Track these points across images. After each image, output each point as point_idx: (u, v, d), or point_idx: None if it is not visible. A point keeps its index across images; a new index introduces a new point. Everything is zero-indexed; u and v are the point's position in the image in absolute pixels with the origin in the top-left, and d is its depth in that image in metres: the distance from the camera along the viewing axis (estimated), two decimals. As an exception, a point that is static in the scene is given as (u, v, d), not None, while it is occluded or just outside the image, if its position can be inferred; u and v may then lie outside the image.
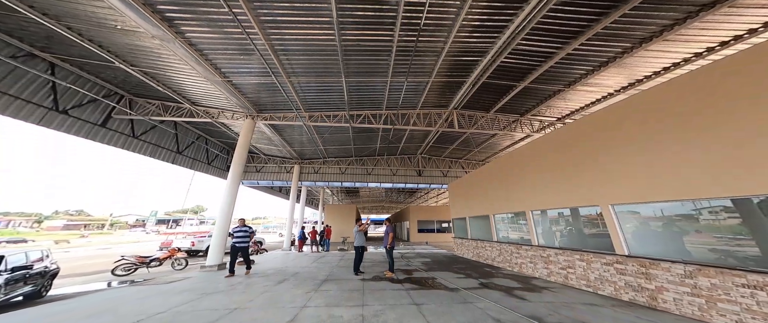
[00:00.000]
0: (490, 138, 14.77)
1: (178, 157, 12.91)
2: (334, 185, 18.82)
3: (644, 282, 4.32)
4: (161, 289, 5.56)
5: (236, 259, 7.02)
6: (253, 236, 8.11)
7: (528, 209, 7.24)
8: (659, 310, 4.11)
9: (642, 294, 4.37)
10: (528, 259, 7.15)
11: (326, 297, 4.85)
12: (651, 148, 4.43)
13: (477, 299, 4.76)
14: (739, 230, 3.51)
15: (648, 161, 4.44)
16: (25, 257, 5.88)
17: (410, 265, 9.17)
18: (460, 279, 6.60)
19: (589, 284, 5.27)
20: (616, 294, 4.80)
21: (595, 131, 5.61)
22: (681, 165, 3.99)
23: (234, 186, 9.00)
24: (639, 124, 4.70)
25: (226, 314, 3.90)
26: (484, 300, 4.66)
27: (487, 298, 4.80)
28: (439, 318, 3.74)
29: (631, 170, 4.68)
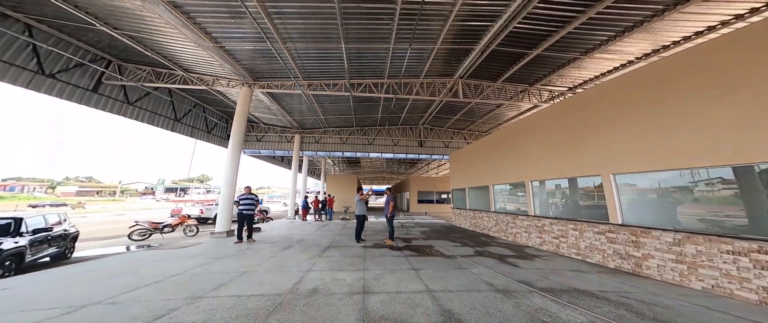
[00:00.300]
0: (495, 108, 14.47)
1: (177, 125, 12.84)
2: (335, 155, 18.93)
3: (632, 249, 4.53)
4: (176, 254, 5.90)
5: (243, 226, 7.33)
6: (258, 204, 8.35)
7: (528, 179, 7.34)
8: (642, 276, 4.37)
9: (628, 262, 4.61)
10: (523, 229, 7.43)
11: (330, 263, 5.15)
12: (654, 119, 4.39)
13: (472, 265, 5.05)
14: (731, 201, 3.63)
15: (651, 132, 4.42)
16: (43, 220, 6.15)
17: (409, 234, 9.57)
18: (456, 248, 6.93)
19: (579, 252, 5.54)
20: (603, 262, 5.07)
21: (599, 102, 5.50)
22: (683, 135, 3.99)
23: (235, 155, 9.08)
24: (644, 95, 4.58)
25: (236, 276, 4.19)
26: (478, 267, 4.95)
27: (481, 265, 5.09)
28: (435, 282, 4.00)
29: (634, 140, 4.67)
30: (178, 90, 12.26)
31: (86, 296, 3.34)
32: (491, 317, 2.79)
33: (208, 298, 3.24)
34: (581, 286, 3.83)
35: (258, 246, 6.81)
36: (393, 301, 3.21)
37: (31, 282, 3.99)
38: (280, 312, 2.88)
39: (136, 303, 3.11)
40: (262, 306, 3.03)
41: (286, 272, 4.47)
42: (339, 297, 3.31)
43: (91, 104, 9.29)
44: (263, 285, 3.76)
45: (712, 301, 3.32)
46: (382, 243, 7.45)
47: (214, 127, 15.69)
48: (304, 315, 2.80)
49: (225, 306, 3.00)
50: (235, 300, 3.20)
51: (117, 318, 2.71)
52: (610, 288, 3.79)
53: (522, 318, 2.76)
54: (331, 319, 2.72)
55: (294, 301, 3.18)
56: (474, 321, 2.70)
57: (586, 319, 2.73)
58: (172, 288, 3.61)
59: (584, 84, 10.97)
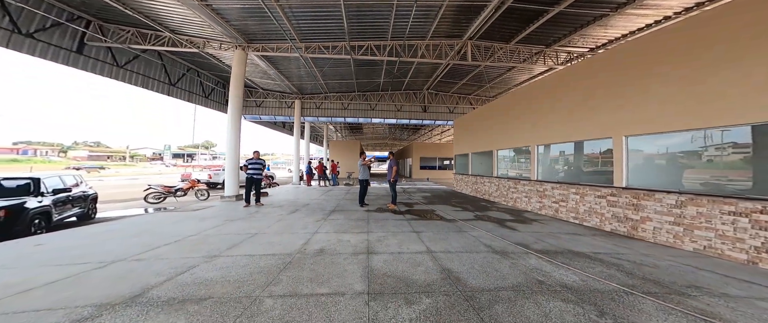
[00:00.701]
0: (505, 72, 13.82)
1: (173, 89, 12.58)
2: (336, 120, 18.75)
3: (631, 212, 4.64)
4: (190, 216, 6.20)
5: (251, 190, 7.55)
6: (266, 169, 8.51)
7: (534, 144, 7.27)
8: (636, 239, 4.54)
9: (625, 225, 4.76)
10: (524, 194, 7.58)
11: (335, 225, 5.39)
12: (671, 80, 4.21)
13: (472, 229, 5.25)
14: (738, 165, 3.66)
15: (667, 92, 4.27)
16: (61, 181, 6.40)
17: (411, 199, 9.84)
18: (457, 212, 7.16)
19: (577, 216, 5.70)
20: (599, 226, 5.24)
21: (612, 64, 5.23)
22: (702, 95, 3.85)
23: (236, 121, 8.99)
24: (661, 56, 4.31)
25: (247, 237, 4.43)
26: (478, 230, 5.15)
27: (481, 228, 5.30)
28: (435, 244, 4.20)
29: (649, 102, 4.52)
30: (167, 53, 11.76)
31: (113, 253, 3.60)
32: (488, 275, 2.97)
33: (223, 257, 3.47)
34: (576, 248, 4.00)
35: (266, 209, 7.10)
36: (395, 261, 3.41)
37: (62, 239, 4.28)
38: (290, 269, 3.10)
39: (158, 260, 3.35)
40: (274, 264, 3.25)
41: (294, 234, 4.71)
42: (344, 257, 3.52)
43: (78, 66, 9.01)
44: (273, 246, 3.99)
45: (700, 261, 3.48)
46: (384, 207, 7.70)
47: (212, 92, 15.37)
48: (312, 272, 3.01)
49: (239, 264, 3.22)
50: (248, 258, 3.42)
51: (143, 273, 2.94)
52: (603, 249, 3.96)
53: (517, 277, 2.94)
54: (338, 276, 2.92)
55: (303, 260, 3.39)
56: (471, 278, 2.89)
57: (578, 278, 2.90)
58: (190, 248, 3.85)
59: (607, 44, 10.26)
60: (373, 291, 2.59)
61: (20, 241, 4.26)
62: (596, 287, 2.69)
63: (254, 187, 7.64)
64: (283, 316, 2.12)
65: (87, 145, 68.31)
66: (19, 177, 5.72)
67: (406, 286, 2.70)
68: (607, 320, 2.10)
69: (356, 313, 2.18)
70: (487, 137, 10.05)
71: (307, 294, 2.51)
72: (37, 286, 2.61)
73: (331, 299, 2.41)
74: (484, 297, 2.46)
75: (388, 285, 2.71)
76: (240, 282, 2.73)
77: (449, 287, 2.69)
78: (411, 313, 2.19)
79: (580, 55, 10.90)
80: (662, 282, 2.82)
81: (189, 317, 2.09)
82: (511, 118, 8.51)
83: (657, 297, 2.49)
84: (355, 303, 2.35)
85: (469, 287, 2.68)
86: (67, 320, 2.03)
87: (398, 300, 2.41)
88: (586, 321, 2.09)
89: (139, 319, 2.05)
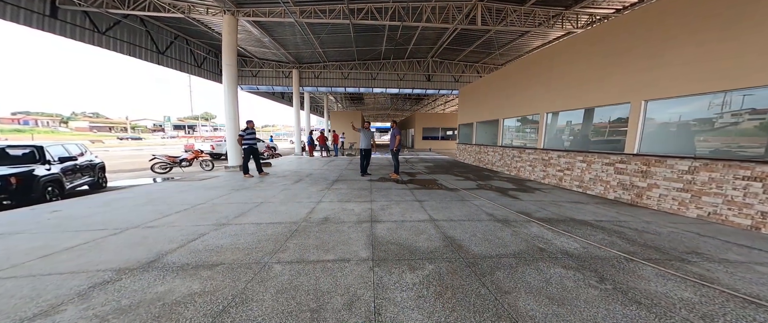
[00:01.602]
0: (517, 38, 13.00)
1: (162, 58, 12.06)
2: (337, 90, 18.25)
3: (639, 180, 4.61)
4: (197, 185, 6.30)
5: (249, 159, 7.53)
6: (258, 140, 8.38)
7: (544, 111, 7.05)
8: (639, 206, 4.57)
9: (629, 193, 4.76)
10: (528, 163, 7.54)
11: (338, 195, 5.46)
12: (692, 41, 3.94)
13: (474, 198, 5.30)
14: (752, 132, 3.58)
15: (688, 55, 4.02)
16: (64, 149, 6.44)
17: (414, 169, 9.87)
18: (459, 181, 7.19)
19: (581, 185, 5.70)
20: (603, 194, 5.26)
21: (637, 25, 4.84)
22: (723, 58, 3.63)
23: (232, 91, 8.71)
24: (681, 17, 3.96)
25: (254, 206, 4.51)
26: (480, 199, 5.20)
27: (483, 197, 5.34)
28: (438, 212, 4.26)
29: (671, 65, 4.27)
30: (151, 19, 11.06)
31: (127, 219, 3.70)
32: (490, 243, 3.03)
33: (231, 225, 3.56)
34: (578, 216, 4.05)
35: (270, 179, 7.17)
36: (399, 229, 3.48)
37: (77, 207, 4.40)
38: (296, 237, 3.17)
39: (170, 227, 3.44)
40: (280, 232, 3.33)
41: (299, 203, 4.78)
42: (349, 225, 3.59)
43: (56, 31, 8.51)
44: (279, 214, 4.07)
45: (703, 227, 3.52)
46: (387, 177, 7.75)
47: (204, 61, 14.77)
48: (318, 240, 3.09)
49: (247, 232, 3.30)
50: (256, 227, 3.51)
51: (157, 239, 3.03)
52: (606, 217, 4.00)
53: (518, 244, 2.99)
54: (343, 244, 3.00)
55: (308, 228, 3.47)
56: (473, 246, 2.95)
57: (579, 245, 2.95)
58: (199, 216, 3.94)
59: (637, 4, 9.43)
60: (377, 257, 2.66)
61: (37, 208, 4.39)
62: (597, 254, 2.74)
63: (253, 157, 7.61)
64: (291, 281, 2.20)
65: (86, 115, 67.81)
66: (22, 146, 5.75)
67: (410, 253, 2.77)
68: (607, 285, 2.16)
69: (362, 278, 2.25)
70: (494, 106, 9.76)
71: (314, 260, 2.59)
72: (58, 251, 2.72)
73: (337, 265, 2.49)
74: (485, 264, 2.52)
75: (392, 252, 2.78)
76: (249, 249, 2.81)
77: (452, 254, 2.75)
78: (414, 278, 2.26)
79: (604, 16, 10.12)
80: (663, 249, 2.87)
81: (203, 282, 2.17)
82: (521, 85, 8.17)
83: (657, 263, 2.54)
84: (360, 268, 2.42)
85: (471, 254, 2.75)
86: (89, 283, 2.13)
87: (402, 266, 2.48)
88: (586, 286, 2.14)
89: (156, 283, 2.13)
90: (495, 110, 9.66)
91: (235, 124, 8.53)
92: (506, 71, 9.45)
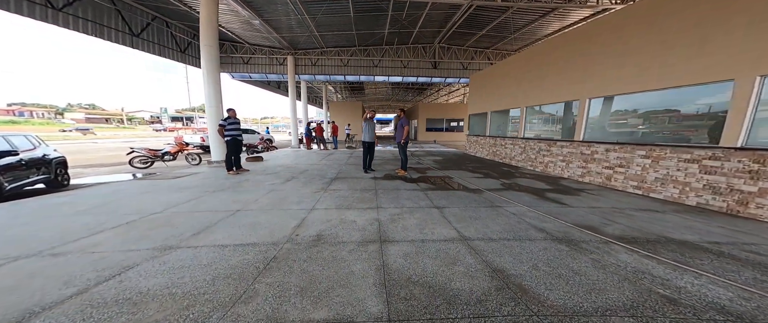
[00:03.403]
0: (538, 18, 11.69)
1: (137, 41, 10.75)
2: (336, 79, 16.99)
3: (744, 183, 3.48)
4: (166, 185, 5.23)
5: (234, 153, 6.41)
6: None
7: (585, 97, 5.86)
8: (743, 217, 3.48)
9: (726, 198, 3.64)
10: (560, 158, 6.45)
11: (336, 198, 4.40)
12: None
13: (506, 202, 4.24)
14: None
15: None
16: (5, 142, 5.36)
17: (422, 164, 8.80)
18: (479, 179, 6.12)
19: (642, 185, 4.60)
20: (677, 198, 4.17)
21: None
22: None
23: (212, 75, 7.39)
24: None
25: (226, 217, 3.46)
26: (514, 204, 4.14)
27: (517, 201, 4.28)
28: (467, 225, 3.21)
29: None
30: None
31: (39, 236, 2.67)
32: (568, 283, 1.98)
33: (181, 249, 2.51)
34: (672, 233, 2.98)
35: (257, 177, 6.10)
36: (420, 254, 2.43)
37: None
38: (272, 271, 2.13)
39: (86, 253, 2.39)
40: (251, 262, 2.28)
41: (286, 211, 3.73)
42: (350, 248, 2.54)
43: (2, 7, 7.27)
44: (256, 230, 3.01)
45: None
46: (393, 173, 6.69)
47: (188, 46, 13.49)
48: (304, 277, 2.04)
49: (201, 263, 2.25)
50: (217, 252, 2.46)
51: (48, 278, 1.98)
52: (714, 235, 2.93)
53: (620, 287, 1.94)
54: (342, 284, 1.95)
55: (292, 254, 2.42)
56: (544, 288, 1.90)
57: (732, 293, 1.87)
58: (142, 232, 2.89)
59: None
60: (396, 313, 1.63)
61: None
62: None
63: (237, 151, 6.50)
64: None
65: (82, 107, 66.13)
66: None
67: (447, 304, 1.73)
68: None
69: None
70: (514, 93, 8.60)
71: (294, 321, 1.55)
72: None
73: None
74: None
75: (418, 302, 1.75)
76: (191, 299, 1.77)
77: (514, 305, 1.71)
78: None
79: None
80: None
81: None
82: (550, 68, 6.99)
83: None
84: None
85: (548, 305, 1.71)
86: None
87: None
88: None
89: None
90: (515, 98, 8.51)
91: (217, 113, 7.41)
92: (530, 53, 8.26)
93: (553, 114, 7.07)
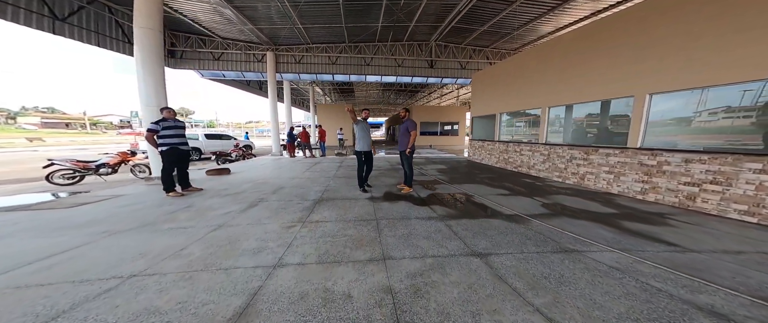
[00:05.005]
0: (545, 13, 10.59)
1: (63, 27, 8.64)
2: (323, 78, 15.43)
3: None
4: (55, 217, 3.49)
5: (173, 169, 4.67)
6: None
7: (643, 93, 4.49)
8: None
9: None
10: (604, 168, 5.12)
11: (319, 239, 2.84)
12: None
13: (578, 242, 2.80)
14: None
15: None
16: None
17: (425, 174, 7.35)
18: (506, 198, 4.70)
19: (755, 211, 3.26)
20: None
21: None
22: None
23: (152, 66, 5.64)
24: None
25: (107, 290, 1.86)
26: (594, 245, 2.71)
27: (592, 239, 2.86)
28: (558, 303, 1.75)
29: None
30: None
31: None
32: None
33: None
34: None
35: (208, 202, 4.39)
36: None
37: None
38: None
39: None
40: None
41: (228, 272, 2.14)
42: None
43: None
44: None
45: None
46: (395, 190, 5.18)
47: None
48: None
49: None
50: None
51: None
52: None
53: None
54: None
55: None
56: None
57: None
58: None
59: None
60: None
61: None
62: None
63: (181, 165, 4.80)
64: None
65: (39, 110, 60.81)
66: None
67: None
68: None
69: None
70: (535, 91, 7.30)
71: None
72: None
73: None
74: None
75: None
76: None
77: None
78: None
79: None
80: None
81: None
82: (587, 58, 5.69)
83: None
84: None
85: None
86: None
87: None
88: None
89: None
90: (536, 96, 7.22)
91: (153, 115, 5.62)
92: (550, 46, 7.01)
93: (591, 114, 5.78)
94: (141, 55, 5.54)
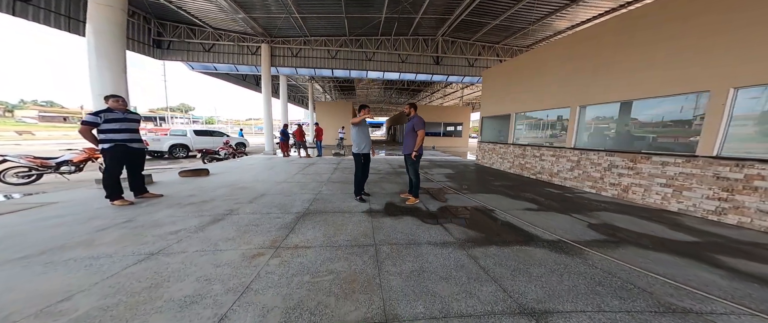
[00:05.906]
0: (558, 10, 9.73)
1: (28, 9, 7.67)
2: (322, 73, 14.53)
3: None
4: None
5: (119, 171, 3.70)
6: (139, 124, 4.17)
7: (728, 87, 3.47)
8: None
9: None
10: (658, 180, 4.18)
11: (291, 278, 1.94)
12: None
13: (681, 293, 1.89)
14: None
15: None
16: None
17: (432, 180, 6.44)
18: (536, 214, 3.78)
19: None
20: None
21: None
22: None
23: (105, 47, 4.62)
24: None
25: None
26: (709, 302, 1.79)
27: (700, 290, 1.94)
28: None
29: None
30: None
31: None
32: None
33: None
34: None
35: (161, 213, 3.45)
36: None
37: None
38: None
39: None
40: None
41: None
42: None
43: None
44: None
45: None
46: (399, 201, 4.26)
47: (129, 26, 10.62)
48: None
49: None
50: None
51: None
52: None
53: None
54: None
55: None
56: None
57: None
58: None
59: None
60: None
61: None
62: None
63: (133, 167, 3.88)
64: None
65: (37, 104, 59.95)
66: None
67: None
68: None
69: None
70: (561, 88, 6.37)
71: None
72: None
73: None
74: None
75: None
76: None
77: None
78: None
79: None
80: None
81: None
82: (636, 48, 4.75)
83: None
84: None
85: None
86: None
87: None
88: None
89: None
90: (562, 95, 6.29)
91: (99, 105, 4.62)
92: (581, 37, 6.09)
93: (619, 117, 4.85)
94: (97, 37, 4.60)
